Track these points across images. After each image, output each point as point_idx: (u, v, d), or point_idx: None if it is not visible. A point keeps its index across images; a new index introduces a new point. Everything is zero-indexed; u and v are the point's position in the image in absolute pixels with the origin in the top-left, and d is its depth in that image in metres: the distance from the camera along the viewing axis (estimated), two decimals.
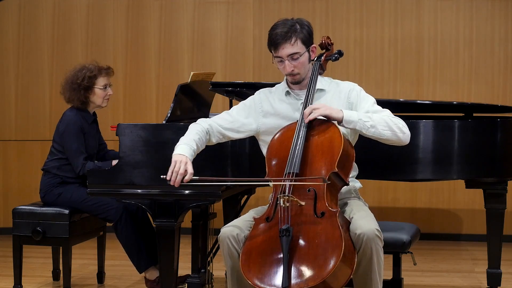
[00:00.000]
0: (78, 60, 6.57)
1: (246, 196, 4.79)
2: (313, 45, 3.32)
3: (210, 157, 3.71)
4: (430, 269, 5.30)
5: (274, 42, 3.24)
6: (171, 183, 3.10)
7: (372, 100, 3.31)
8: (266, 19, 6.45)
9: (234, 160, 3.80)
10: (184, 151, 3.17)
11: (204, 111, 4.69)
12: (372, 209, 3.32)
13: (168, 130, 3.81)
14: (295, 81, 3.31)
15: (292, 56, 3.24)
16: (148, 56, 6.62)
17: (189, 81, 4.23)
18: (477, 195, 5.48)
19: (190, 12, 6.58)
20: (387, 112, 3.25)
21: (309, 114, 3.12)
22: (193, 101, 4.51)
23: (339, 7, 6.42)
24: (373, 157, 3.70)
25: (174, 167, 3.11)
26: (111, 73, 4.60)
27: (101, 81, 4.53)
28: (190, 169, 3.11)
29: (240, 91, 4.30)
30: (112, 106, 6.57)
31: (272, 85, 3.51)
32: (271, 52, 3.31)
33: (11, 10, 6.67)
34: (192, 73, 4.24)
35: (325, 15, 6.43)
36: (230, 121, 3.37)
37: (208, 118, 3.40)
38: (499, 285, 4.31)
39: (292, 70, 3.26)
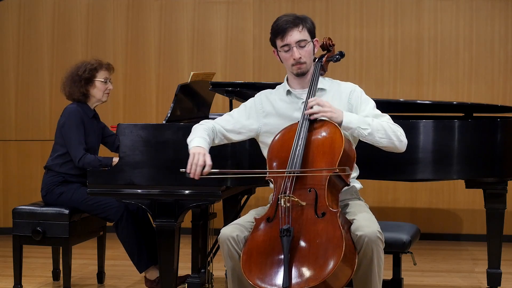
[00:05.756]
0: (78, 59, 6.56)
1: (246, 196, 4.78)
2: (315, 39, 3.32)
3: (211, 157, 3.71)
4: (430, 269, 5.30)
5: (282, 28, 3.24)
6: (191, 175, 3.07)
7: (372, 103, 3.30)
8: (266, 19, 6.44)
9: (234, 161, 3.79)
10: (201, 143, 3.15)
11: (204, 111, 4.69)
12: (372, 209, 3.32)
13: (168, 130, 3.81)
14: (300, 72, 3.28)
15: (300, 43, 3.24)
16: (148, 56, 6.62)
17: (189, 81, 4.23)
18: (477, 195, 5.48)
19: (190, 12, 6.58)
20: (386, 117, 3.24)
21: (312, 109, 3.12)
22: (193, 101, 4.51)
23: (339, 7, 6.42)
24: (373, 157, 3.69)
25: (193, 159, 3.08)
26: (111, 69, 4.67)
27: (101, 74, 4.59)
28: (209, 161, 3.09)
29: (240, 91, 4.30)
30: (112, 106, 6.57)
31: (272, 85, 3.50)
32: (275, 45, 3.29)
33: (11, 10, 6.67)
34: (192, 73, 4.24)
35: (325, 15, 6.43)
36: (232, 123, 3.36)
37: (210, 120, 3.38)
38: (499, 285, 4.32)
39: (300, 58, 3.24)
